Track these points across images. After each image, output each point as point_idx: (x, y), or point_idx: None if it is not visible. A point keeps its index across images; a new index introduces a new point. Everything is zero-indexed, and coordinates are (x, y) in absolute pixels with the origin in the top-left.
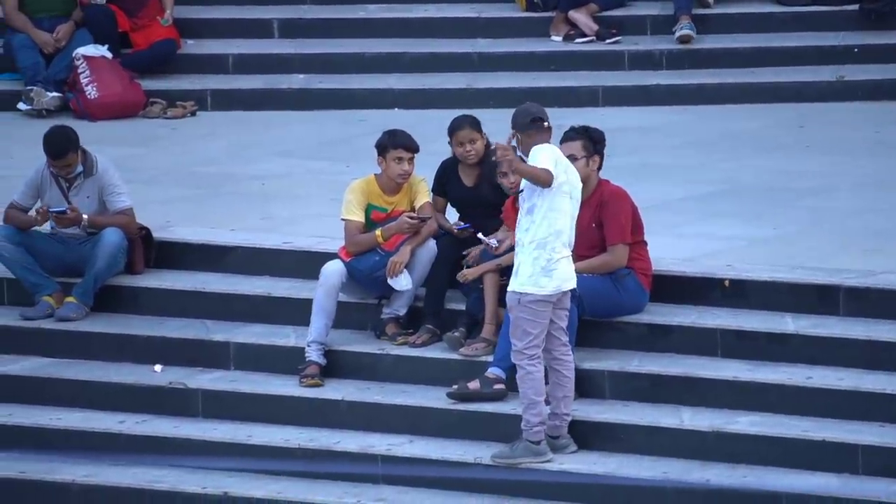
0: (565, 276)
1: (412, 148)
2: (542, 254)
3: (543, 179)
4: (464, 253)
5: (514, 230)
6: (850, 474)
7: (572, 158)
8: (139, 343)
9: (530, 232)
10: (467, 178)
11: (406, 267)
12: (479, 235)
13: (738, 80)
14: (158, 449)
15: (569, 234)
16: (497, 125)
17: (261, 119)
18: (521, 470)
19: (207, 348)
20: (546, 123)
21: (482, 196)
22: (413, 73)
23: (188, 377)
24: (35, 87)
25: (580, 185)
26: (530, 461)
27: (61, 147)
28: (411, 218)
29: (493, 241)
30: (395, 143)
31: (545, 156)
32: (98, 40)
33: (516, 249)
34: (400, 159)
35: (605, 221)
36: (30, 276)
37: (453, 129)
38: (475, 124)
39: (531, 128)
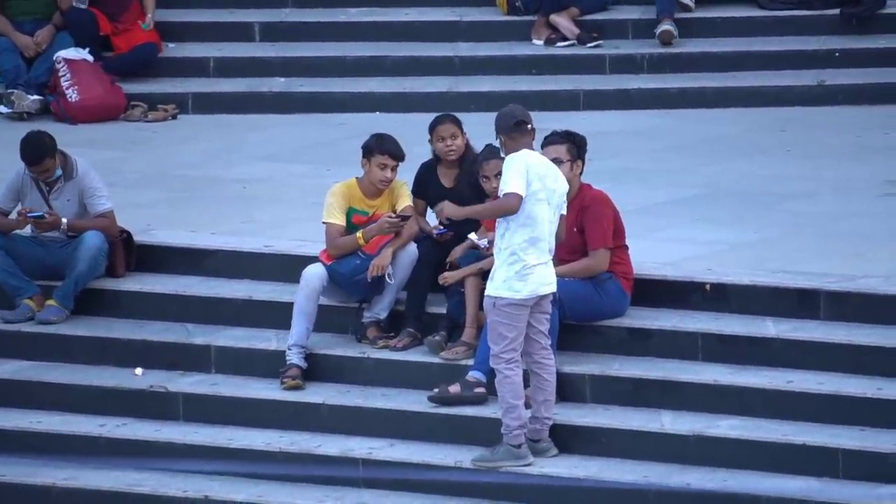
0: (542, 281)
1: (398, 156)
2: (517, 260)
3: (508, 210)
4: (448, 260)
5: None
6: (830, 478)
7: (557, 162)
8: (120, 346)
9: (505, 238)
10: (446, 179)
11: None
12: (471, 236)
13: (720, 83)
14: (139, 452)
15: (547, 240)
16: (478, 129)
17: (242, 122)
18: (502, 473)
19: (188, 352)
20: (529, 126)
21: (461, 196)
22: (394, 76)
23: (169, 380)
24: (16, 91)
25: (564, 188)
26: (511, 465)
27: (37, 153)
28: (391, 218)
29: (483, 242)
30: (381, 149)
31: (513, 171)
32: (79, 43)
33: (494, 253)
34: (384, 166)
35: (587, 226)
36: (10, 279)
37: (434, 124)
38: (456, 121)
39: (515, 131)
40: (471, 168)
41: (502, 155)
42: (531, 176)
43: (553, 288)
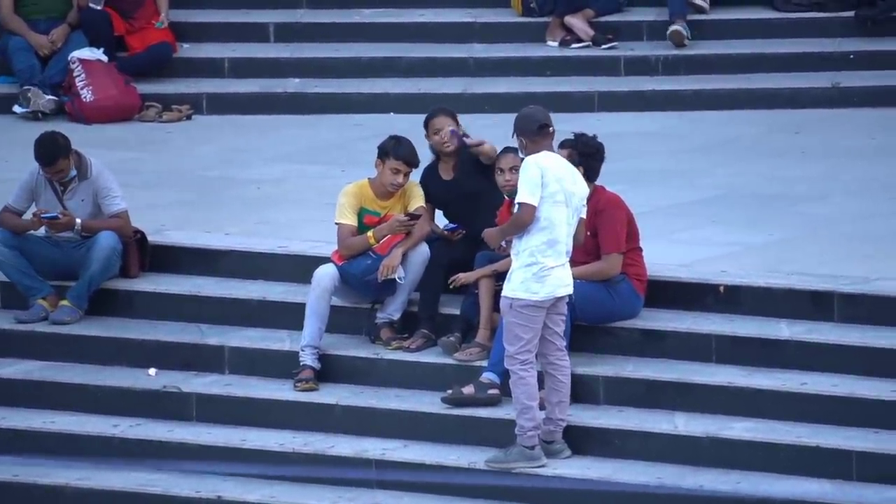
0: (559, 283)
1: (412, 163)
2: (536, 262)
3: (523, 223)
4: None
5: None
6: (844, 480)
7: None
8: (133, 347)
9: (524, 240)
10: (445, 173)
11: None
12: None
13: (734, 85)
14: (152, 453)
15: (565, 242)
16: (492, 130)
17: (256, 123)
18: (515, 475)
19: (202, 352)
20: (551, 129)
21: (461, 186)
22: (409, 77)
23: (182, 381)
24: (32, 88)
25: (584, 191)
26: (524, 466)
27: (51, 154)
28: (403, 218)
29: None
30: (396, 154)
31: (527, 179)
32: (94, 43)
33: (511, 254)
34: (397, 171)
35: (600, 230)
36: (24, 279)
37: (429, 119)
38: (450, 113)
39: (537, 135)
40: (469, 158)
41: (521, 155)
42: (548, 178)
43: (570, 290)
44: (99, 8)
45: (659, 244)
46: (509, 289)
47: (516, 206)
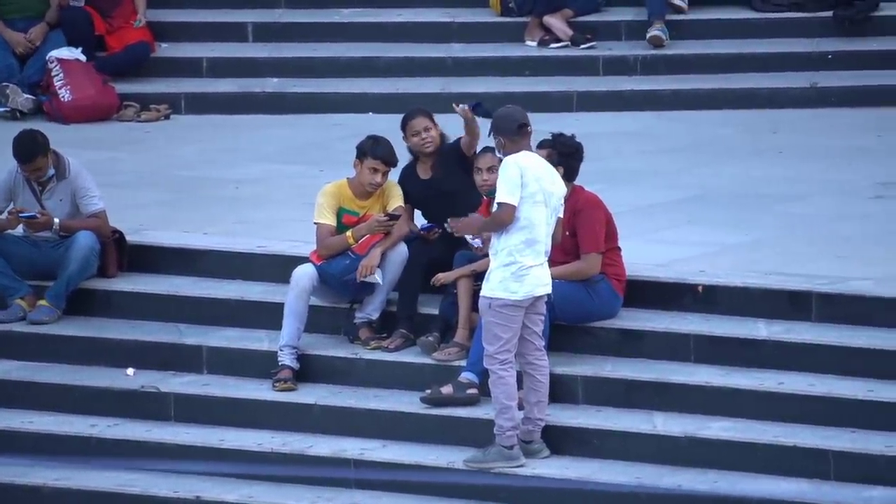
0: (537, 282)
1: (390, 162)
2: (514, 261)
3: (503, 222)
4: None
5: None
6: (821, 480)
7: None
8: (112, 346)
9: (502, 239)
10: (423, 173)
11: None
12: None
13: (713, 85)
14: (131, 453)
15: (544, 241)
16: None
17: (235, 123)
18: (493, 475)
19: (180, 352)
20: (529, 128)
21: (439, 186)
22: (387, 77)
23: (161, 381)
24: (11, 85)
25: (562, 190)
26: (503, 466)
27: (29, 152)
28: (381, 218)
29: (477, 241)
30: (374, 153)
31: (506, 179)
32: (74, 43)
33: (490, 254)
34: (375, 170)
35: (579, 230)
36: (2, 278)
37: (406, 120)
38: (427, 114)
39: (517, 134)
40: (447, 157)
41: (499, 155)
42: (527, 178)
43: (548, 289)
44: (80, 5)
45: (637, 244)
46: (488, 288)
47: (496, 206)
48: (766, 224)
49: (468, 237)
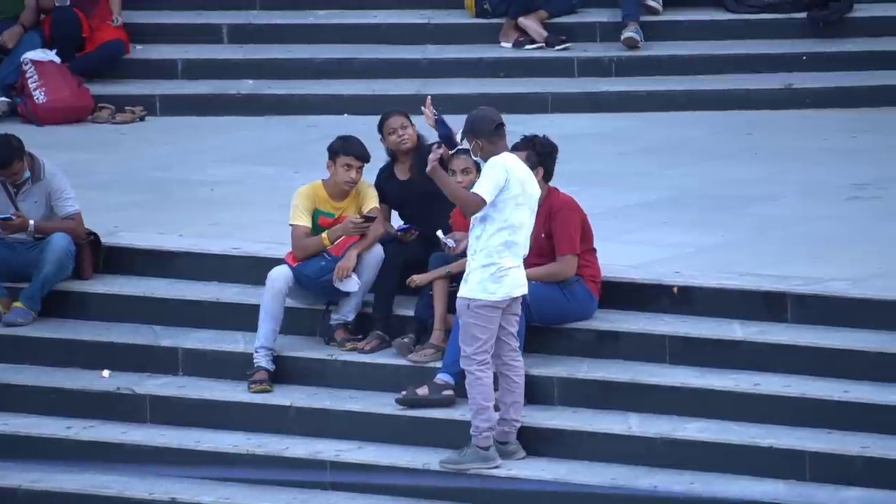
0: (515, 283)
1: (363, 157)
2: (493, 262)
3: (469, 207)
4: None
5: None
6: (797, 481)
7: None
8: (87, 348)
9: (481, 240)
10: (401, 173)
11: (353, 271)
12: (438, 233)
13: (687, 87)
14: (106, 454)
15: (523, 244)
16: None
17: (210, 124)
18: (469, 476)
19: (155, 354)
20: (505, 127)
21: (418, 186)
22: (362, 78)
23: (136, 383)
24: None
25: (538, 192)
26: (479, 467)
27: (6, 156)
28: (356, 219)
29: (450, 242)
30: (346, 150)
31: (490, 177)
32: (60, 42)
33: (468, 255)
34: (349, 167)
35: (554, 232)
36: None
37: (383, 120)
38: (403, 113)
39: (495, 135)
40: (423, 159)
41: (474, 158)
42: (513, 181)
43: (525, 290)
44: (66, 4)
45: (612, 245)
46: (466, 289)
47: (472, 193)
48: (741, 225)
49: (441, 237)
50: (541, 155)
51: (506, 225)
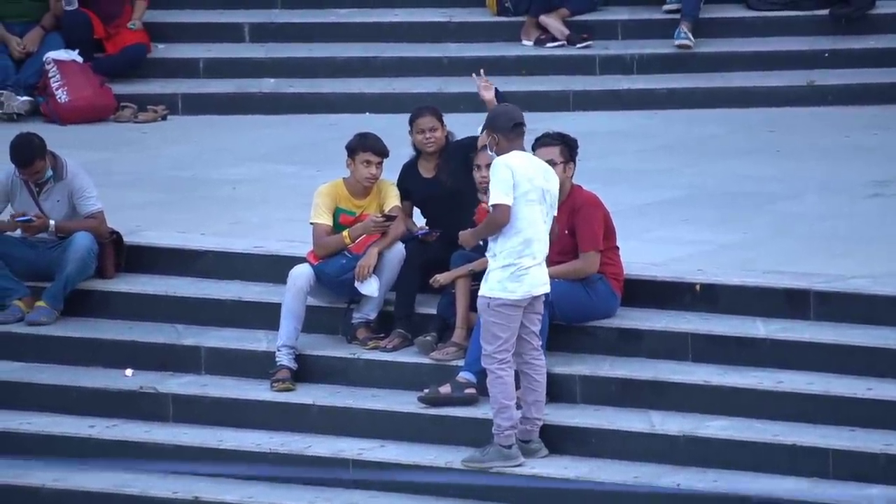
0: (536, 282)
1: (381, 152)
2: (512, 263)
3: (500, 224)
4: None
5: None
6: (820, 478)
7: (550, 164)
8: (110, 347)
9: (499, 242)
10: (426, 171)
11: (374, 270)
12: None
13: (708, 84)
14: (129, 453)
15: (542, 240)
16: (467, 129)
17: (231, 123)
18: (491, 474)
19: (178, 352)
20: (524, 128)
21: (442, 185)
22: (384, 77)
23: (159, 381)
24: (5, 91)
25: (556, 186)
26: (501, 465)
27: (27, 155)
28: (377, 218)
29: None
30: (364, 147)
31: (498, 181)
32: (73, 45)
33: (488, 256)
34: (368, 163)
35: (578, 229)
36: (0, 280)
37: (414, 117)
38: (436, 113)
39: (512, 133)
40: (450, 157)
41: (490, 152)
42: (518, 178)
43: (547, 288)
44: (72, 9)
45: (634, 243)
46: (486, 288)
47: (490, 208)
48: (762, 222)
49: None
50: (572, 149)
51: (520, 224)
